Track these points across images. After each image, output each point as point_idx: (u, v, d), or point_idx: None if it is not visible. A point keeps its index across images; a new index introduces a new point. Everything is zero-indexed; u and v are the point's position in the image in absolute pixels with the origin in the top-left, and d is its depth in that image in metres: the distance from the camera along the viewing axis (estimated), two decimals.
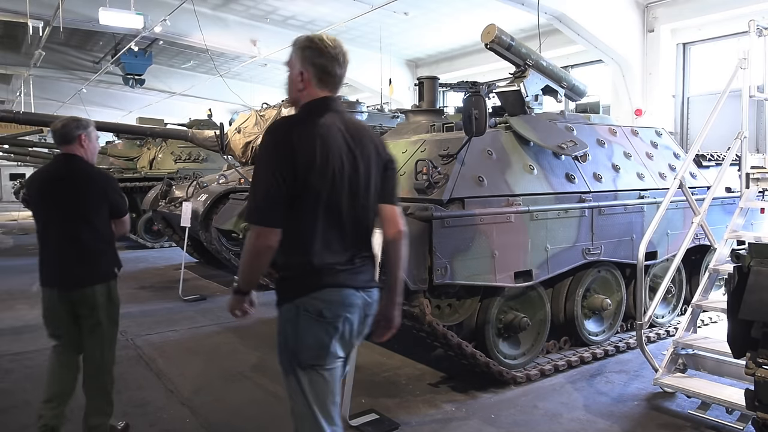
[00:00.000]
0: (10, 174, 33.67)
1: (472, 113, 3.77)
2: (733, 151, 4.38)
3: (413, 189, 4.00)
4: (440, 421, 3.76)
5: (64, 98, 24.72)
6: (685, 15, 10.65)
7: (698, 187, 5.45)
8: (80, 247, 3.25)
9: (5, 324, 6.31)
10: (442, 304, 4.18)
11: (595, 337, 5.04)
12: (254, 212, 2.00)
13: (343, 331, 2.06)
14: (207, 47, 13.49)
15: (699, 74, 11.41)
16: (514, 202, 4.24)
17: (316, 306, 2.01)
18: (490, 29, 4.99)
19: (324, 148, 2.00)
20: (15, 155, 19.70)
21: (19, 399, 4.17)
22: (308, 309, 2.01)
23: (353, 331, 2.10)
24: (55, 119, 3.57)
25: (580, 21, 10.41)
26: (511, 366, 4.41)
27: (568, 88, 5.63)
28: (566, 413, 3.85)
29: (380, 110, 9.77)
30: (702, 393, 3.73)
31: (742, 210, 4.29)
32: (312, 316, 2.01)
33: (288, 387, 2.08)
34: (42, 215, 3.34)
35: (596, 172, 4.88)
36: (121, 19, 11.75)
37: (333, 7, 13.77)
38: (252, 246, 2.01)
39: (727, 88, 4.32)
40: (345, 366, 2.17)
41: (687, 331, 4.12)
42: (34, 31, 13.29)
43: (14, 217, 21.49)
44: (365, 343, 5.19)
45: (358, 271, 2.10)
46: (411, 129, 5.49)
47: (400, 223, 2.21)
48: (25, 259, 11.18)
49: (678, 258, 4.31)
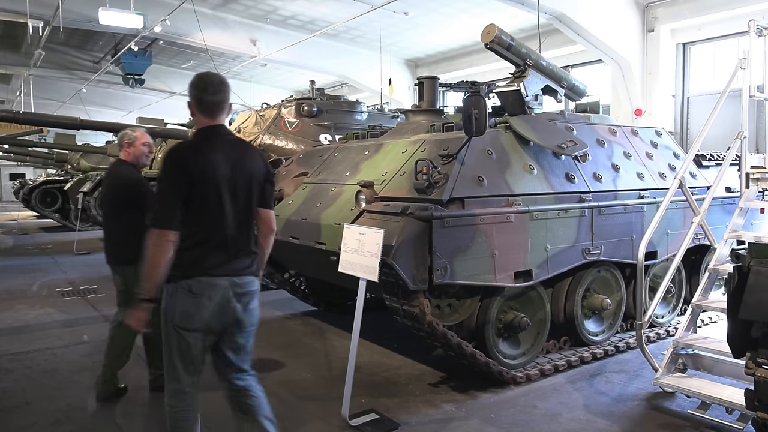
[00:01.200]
0: (10, 174, 33.71)
1: (472, 113, 3.77)
2: (733, 151, 4.38)
3: (413, 189, 4.00)
4: (440, 421, 3.76)
5: (64, 98, 24.75)
6: (685, 15, 10.66)
7: (698, 187, 5.45)
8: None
9: (5, 324, 6.31)
10: (442, 304, 4.19)
11: (595, 337, 5.05)
12: (156, 218, 2.55)
13: (207, 304, 2.59)
14: (207, 47, 13.49)
15: (699, 74, 11.42)
16: (514, 202, 4.24)
17: (189, 285, 2.59)
18: (490, 29, 4.99)
19: (207, 165, 2.58)
20: (15, 155, 19.74)
21: (19, 399, 4.17)
22: (183, 286, 2.59)
23: (219, 304, 2.61)
24: (55, 119, 3.64)
25: (580, 21, 10.42)
26: (510, 366, 4.41)
27: (568, 88, 5.63)
28: (566, 413, 3.85)
29: (380, 110, 9.77)
30: (702, 393, 3.72)
31: (742, 210, 4.28)
32: (185, 291, 2.59)
33: (164, 343, 2.67)
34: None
35: (596, 172, 4.88)
36: (121, 19, 11.76)
37: (333, 7, 13.78)
38: (153, 246, 2.52)
39: (727, 88, 4.31)
40: (237, 339, 2.70)
41: (687, 331, 4.12)
42: (34, 31, 13.30)
43: (14, 217, 21.50)
44: (365, 342, 5.21)
45: (232, 261, 2.65)
46: (411, 129, 5.49)
47: (272, 223, 2.88)
48: (26, 259, 11.19)
49: (678, 258, 4.31)
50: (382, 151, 4.97)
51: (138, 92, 22.57)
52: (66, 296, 7.72)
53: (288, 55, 15.93)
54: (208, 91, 2.65)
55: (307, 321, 6.22)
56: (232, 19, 15.06)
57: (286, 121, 8.39)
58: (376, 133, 6.01)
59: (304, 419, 3.79)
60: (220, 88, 2.67)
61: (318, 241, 4.53)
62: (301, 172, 5.79)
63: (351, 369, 3.73)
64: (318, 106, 8.55)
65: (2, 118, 8.81)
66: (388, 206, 4.00)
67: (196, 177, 2.55)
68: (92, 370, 4.78)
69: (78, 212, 13.16)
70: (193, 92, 2.67)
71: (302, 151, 6.66)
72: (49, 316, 6.65)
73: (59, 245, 13.29)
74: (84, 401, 4.11)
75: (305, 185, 5.46)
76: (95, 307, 7.05)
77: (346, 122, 8.60)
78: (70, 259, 11.03)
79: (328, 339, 5.60)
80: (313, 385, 4.40)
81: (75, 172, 15.95)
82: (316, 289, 6.39)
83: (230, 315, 2.64)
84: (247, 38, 15.49)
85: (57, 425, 3.74)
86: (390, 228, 3.73)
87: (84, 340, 5.65)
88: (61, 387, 4.40)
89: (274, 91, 21.55)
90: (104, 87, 23.50)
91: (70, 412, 3.94)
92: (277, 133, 8.28)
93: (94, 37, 17.66)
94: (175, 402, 2.69)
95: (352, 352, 3.73)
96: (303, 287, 6.32)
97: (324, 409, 3.92)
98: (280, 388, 4.33)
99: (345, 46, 16.64)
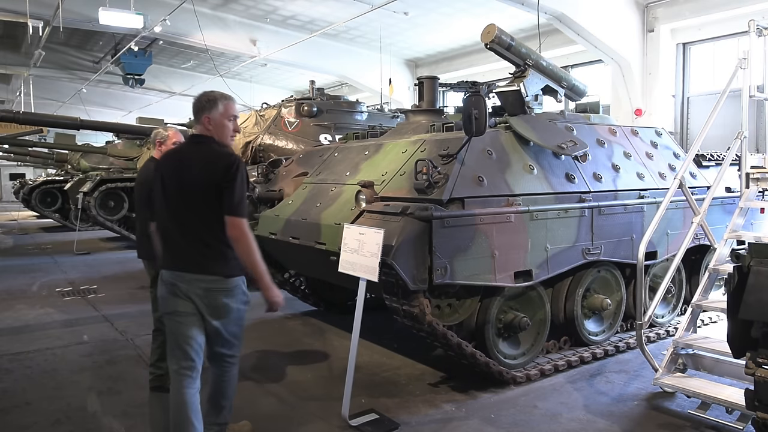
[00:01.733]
0: (10, 174, 33.72)
1: (472, 113, 3.77)
2: (733, 151, 4.38)
3: (413, 189, 4.00)
4: (440, 421, 3.76)
5: (64, 98, 24.75)
6: (685, 15, 10.66)
7: (698, 187, 5.45)
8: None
9: (5, 324, 6.31)
10: (442, 304, 4.19)
11: (595, 337, 5.04)
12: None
13: (159, 292, 3.02)
14: (207, 47, 13.51)
15: (699, 74, 11.41)
16: (513, 202, 4.24)
17: (159, 275, 3.04)
18: (490, 29, 4.99)
19: (163, 170, 3.02)
20: (15, 155, 19.74)
21: (19, 399, 4.17)
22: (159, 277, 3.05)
23: (162, 294, 2.99)
24: (55, 119, 3.71)
25: (580, 21, 10.42)
26: (510, 366, 4.41)
27: (568, 88, 5.63)
28: (566, 413, 3.85)
29: (380, 110, 9.78)
30: (702, 393, 3.72)
31: (742, 210, 4.28)
32: (160, 280, 3.02)
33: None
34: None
35: (596, 171, 4.88)
36: (121, 19, 11.76)
37: (333, 7, 13.78)
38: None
39: (726, 88, 4.31)
40: (204, 322, 2.93)
41: (687, 331, 4.12)
42: (34, 31, 13.30)
43: (14, 217, 21.50)
44: (365, 342, 5.21)
45: (179, 257, 2.93)
46: (411, 129, 5.49)
47: (234, 229, 2.89)
48: (26, 259, 11.19)
49: (678, 258, 4.31)
50: (382, 151, 4.97)
51: (138, 92, 22.57)
52: (66, 296, 7.72)
53: (288, 55, 15.93)
54: (195, 107, 3.01)
55: (307, 321, 6.22)
56: (232, 19, 15.07)
57: (286, 121, 8.40)
58: (376, 133, 6.01)
59: (304, 419, 3.79)
60: (199, 103, 2.99)
61: (318, 241, 4.53)
62: (301, 172, 5.79)
63: (351, 369, 3.73)
64: (318, 106, 8.56)
65: (2, 118, 8.82)
66: (388, 206, 4.00)
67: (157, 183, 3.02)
68: (92, 370, 4.78)
69: (78, 212, 13.15)
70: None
71: (302, 151, 6.66)
72: (49, 316, 6.65)
73: (59, 245, 13.29)
74: (84, 401, 4.11)
75: (305, 185, 5.46)
76: (95, 307, 7.05)
77: (346, 122, 8.60)
78: (70, 259, 11.03)
79: (328, 339, 5.60)
80: (313, 385, 4.40)
81: (75, 172, 15.94)
82: (316, 289, 6.39)
83: (178, 304, 2.92)
84: (247, 38, 15.49)
85: (57, 425, 3.74)
86: (390, 228, 3.73)
87: (84, 340, 5.65)
88: (61, 387, 4.40)
89: (274, 91, 21.55)
90: (104, 87, 23.50)
91: (70, 412, 3.94)
92: (277, 133, 8.28)
93: (94, 37, 17.66)
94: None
95: (352, 352, 3.73)
96: (303, 287, 6.32)
97: (324, 409, 3.92)
98: (280, 388, 4.33)
99: (345, 46, 16.65)
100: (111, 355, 5.11)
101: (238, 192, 2.86)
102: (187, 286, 2.90)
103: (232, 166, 2.85)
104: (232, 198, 2.85)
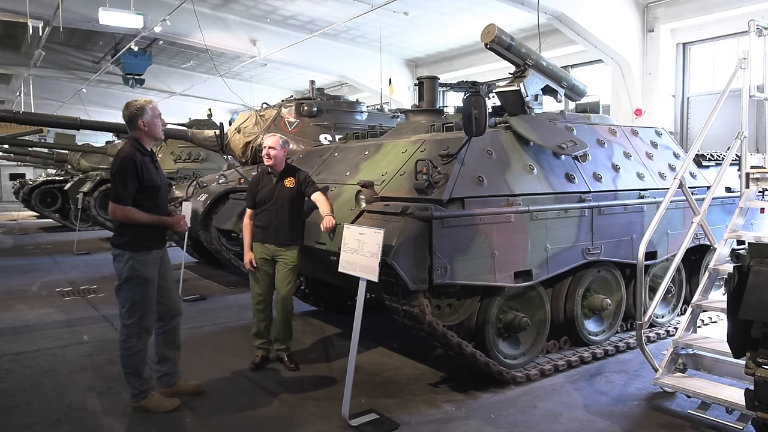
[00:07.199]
0: (10, 174, 33.71)
1: (472, 113, 3.76)
2: (733, 151, 4.38)
3: (413, 189, 4.00)
4: (440, 421, 3.76)
5: (64, 98, 24.73)
6: (685, 15, 10.66)
7: (698, 187, 5.45)
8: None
9: (5, 324, 6.31)
10: (442, 304, 4.19)
11: (595, 337, 5.04)
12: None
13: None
14: (207, 47, 13.49)
15: (699, 74, 11.41)
16: (513, 202, 4.24)
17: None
18: (490, 29, 4.99)
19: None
20: (15, 155, 19.71)
21: (19, 399, 4.17)
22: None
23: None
24: (55, 119, 3.79)
25: (580, 21, 10.42)
26: (510, 366, 4.41)
27: (568, 88, 5.63)
28: (566, 413, 3.85)
29: (380, 110, 9.78)
30: (702, 393, 3.72)
31: (742, 210, 4.28)
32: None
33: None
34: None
35: (596, 171, 4.88)
36: (121, 19, 11.75)
37: (333, 6, 13.78)
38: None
39: (726, 88, 4.31)
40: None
41: (687, 331, 4.12)
42: (34, 31, 13.30)
43: (14, 217, 21.50)
44: (365, 342, 5.21)
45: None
46: (411, 129, 5.49)
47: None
48: (26, 259, 11.19)
49: (678, 258, 4.31)
50: (382, 151, 4.97)
51: (138, 92, 22.51)
52: (66, 296, 7.72)
53: (288, 55, 15.93)
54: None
55: (307, 321, 6.22)
56: (232, 19, 15.06)
57: (286, 121, 8.40)
58: (376, 133, 6.01)
59: (304, 419, 3.79)
60: (127, 110, 4.12)
61: (318, 241, 4.53)
62: None
63: (351, 369, 3.73)
64: (318, 106, 8.56)
65: (2, 118, 8.79)
66: (388, 206, 4.00)
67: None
68: (92, 370, 4.78)
69: (78, 212, 13.16)
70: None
71: (302, 151, 6.66)
72: (49, 316, 6.65)
73: (59, 245, 13.30)
74: (84, 401, 4.11)
75: None
76: (95, 307, 7.05)
77: (346, 122, 8.61)
78: (70, 259, 11.03)
79: (328, 339, 5.60)
80: (313, 385, 4.40)
81: (75, 172, 15.95)
82: (316, 289, 6.39)
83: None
84: (247, 38, 15.49)
85: (57, 425, 3.74)
86: (390, 228, 3.73)
87: (84, 340, 5.65)
88: (61, 387, 4.40)
89: (274, 91, 21.54)
90: (104, 87, 23.48)
91: (70, 412, 3.94)
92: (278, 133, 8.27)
93: (94, 37, 17.65)
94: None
95: (352, 352, 3.73)
96: (303, 287, 6.32)
97: (324, 409, 3.92)
98: (280, 388, 4.33)
99: (345, 46, 16.64)
100: (111, 355, 5.10)
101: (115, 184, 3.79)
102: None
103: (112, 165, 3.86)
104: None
